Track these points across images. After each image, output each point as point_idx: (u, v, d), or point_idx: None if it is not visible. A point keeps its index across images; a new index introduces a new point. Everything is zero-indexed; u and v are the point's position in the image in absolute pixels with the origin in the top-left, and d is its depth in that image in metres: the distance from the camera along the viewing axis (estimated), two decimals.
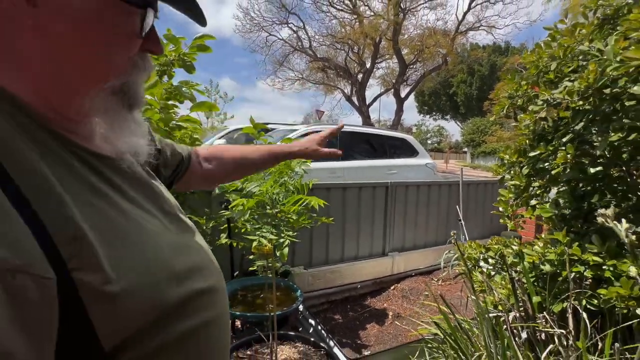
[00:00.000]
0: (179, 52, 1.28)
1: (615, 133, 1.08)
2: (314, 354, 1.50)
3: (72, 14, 0.35)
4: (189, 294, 0.40)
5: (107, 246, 0.33)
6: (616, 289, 1.15)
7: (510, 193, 1.60)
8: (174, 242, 0.43)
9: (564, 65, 1.28)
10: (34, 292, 0.27)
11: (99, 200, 0.36)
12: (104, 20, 0.37)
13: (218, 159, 0.81)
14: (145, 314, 0.35)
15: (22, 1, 0.33)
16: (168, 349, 0.37)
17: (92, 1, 0.36)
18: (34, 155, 0.31)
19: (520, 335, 1.20)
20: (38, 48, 0.34)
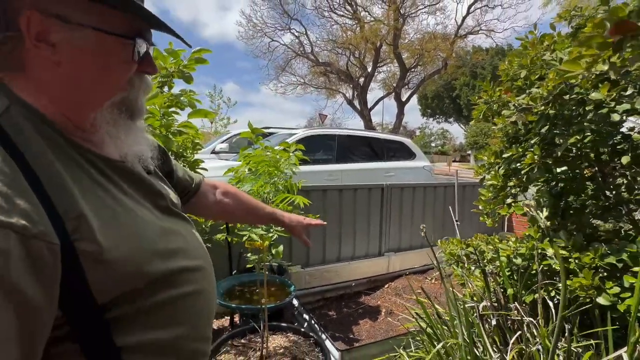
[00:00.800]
0: (179, 64, 1.41)
1: (573, 135, 1.19)
2: (304, 343, 1.60)
3: (79, 51, 0.47)
4: (173, 269, 0.51)
5: (103, 225, 0.44)
6: (579, 279, 1.25)
7: (488, 192, 1.70)
8: (160, 229, 0.53)
9: (532, 74, 1.39)
10: (46, 254, 0.38)
11: (100, 192, 0.47)
12: (104, 52, 0.48)
13: (235, 199, 0.98)
14: (132, 280, 0.45)
15: (45, 45, 0.45)
16: (156, 310, 0.48)
17: (93, 40, 0.47)
18: (51, 156, 0.44)
19: (491, 322, 1.30)
20: (57, 77, 0.47)
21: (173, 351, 0.51)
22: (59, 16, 0.45)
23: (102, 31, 0.47)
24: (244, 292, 2.01)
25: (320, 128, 5.33)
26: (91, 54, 0.47)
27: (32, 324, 0.37)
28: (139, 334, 0.47)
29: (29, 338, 0.37)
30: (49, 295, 0.39)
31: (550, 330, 1.22)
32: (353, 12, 15.75)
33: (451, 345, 1.29)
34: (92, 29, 0.46)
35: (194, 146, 2.14)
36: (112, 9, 0.47)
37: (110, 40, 0.48)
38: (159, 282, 0.49)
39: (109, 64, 0.49)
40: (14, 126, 0.42)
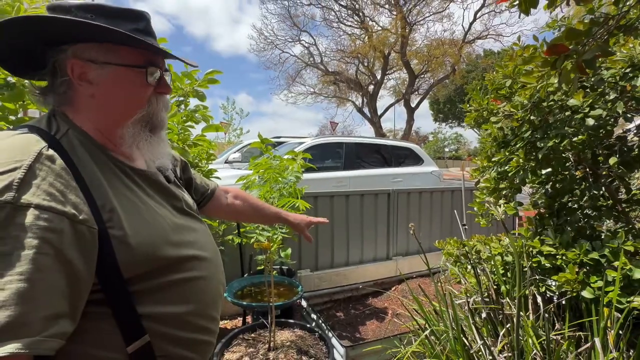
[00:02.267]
0: (193, 84, 1.59)
1: (552, 139, 1.28)
2: (309, 337, 1.71)
3: (106, 83, 0.62)
4: (182, 256, 0.65)
5: (128, 217, 0.58)
6: (565, 274, 1.33)
7: (482, 194, 1.79)
8: (175, 224, 0.67)
9: (514, 83, 1.49)
10: (87, 235, 0.52)
11: (128, 192, 0.62)
12: (123, 81, 0.63)
13: (244, 201, 1.15)
14: (149, 260, 0.59)
15: (84, 83, 0.61)
16: (168, 288, 0.62)
17: (115, 73, 0.62)
18: (94, 166, 0.60)
19: (481, 315, 1.38)
20: (94, 106, 0.63)
21: (182, 324, 0.63)
22: (91, 59, 0.60)
23: (119, 65, 0.62)
24: (254, 292, 2.15)
25: (328, 137, 5.48)
26: (113, 84, 0.62)
27: (76, 286, 0.50)
28: (155, 306, 0.59)
29: (73, 296, 0.50)
30: (89, 266, 0.52)
31: (536, 323, 1.30)
32: (361, 22, 16.03)
33: (446, 337, 1.38)
34: (113, 65, 0.61)
35: (208, 157, 2.32)
36: (124, 46, 0.62)
37: (127, 71, 0.63)
38: (170, 266, 0.62)
39: (128, 89, 0.64)
40: (70, 144, 0.59)
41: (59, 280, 0.48)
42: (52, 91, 0.63)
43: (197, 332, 0.66)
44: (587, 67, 0.70)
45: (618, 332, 1.13)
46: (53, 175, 0.51)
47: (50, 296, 0.47)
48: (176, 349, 0.62)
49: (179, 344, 0.62)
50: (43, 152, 0.52)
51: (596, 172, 1.60)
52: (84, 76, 0.61)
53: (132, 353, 0.56)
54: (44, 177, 0.50)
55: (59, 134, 0.59)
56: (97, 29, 0.57)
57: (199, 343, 0.66)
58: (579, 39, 0.70)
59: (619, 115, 1.37)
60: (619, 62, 1.24)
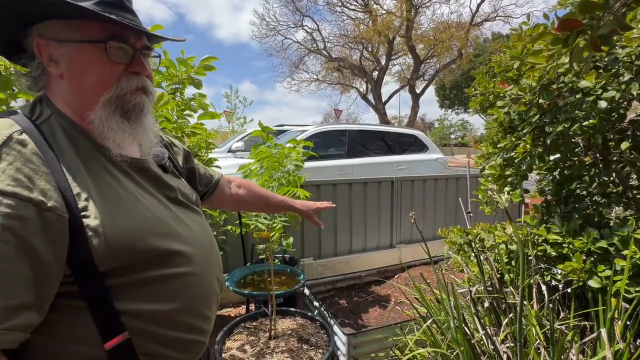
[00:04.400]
0: (189, 72, 1.54)
1: (561, 124, 1.22)
2: (310, 325, 1.72)
3: (70, 61, 0.58)
4: (166, 250, 0.60)
5: (107, 206, 0.55)
6: (571, 263, 1.29)
7: (487, 182, 1.75)
8: (163, 215, 0.63)
9: (523, 64, 1.42)
10: (56, 223, 0.49)
11: (111, 180, 0.58)
12: (85, 59, 0.58)
13: (248, 190, 1.13)
14: (129, 254, 0.55)
15: (53, 63, 0.58)
16: (149, 284, 0.58)
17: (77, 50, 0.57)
18: (73, 152, 0.56)
19: (484, 304, 1.36)
20: (64, 86, 0.59)
21: (167, 322, 0.59)
22: (53, 38, 0.57)
23: (79, 42, 0.57)
24: (257, 281, 2.15)
25: (331, 124, 5.41)
26: (75, 62, 0.58)
27: (43, 276, 0.48)
28: (135, 303, 0.56)
29: (40, 287, 0.48)
30: (57, 256, 0.50)
31: (541, 312, 1.28)
32: (364, 6, 15.59)
33: (447, 326, 1.37)
34: (73, 42, 0.57)
35: (207, 145, 2.29)
36: (88, 21, 0.58)
37: (87, 48, 0.58)
38: (154, 259, 0.58)
39: (90, 67, 0.58)
40: (50, 130, 0.56)
41: (22, 269, 0.46)
42: (31, 75, 0.60)
43: (185, 331, 0.62)
44: (602, 44, 0.64)
45: (625, 323, 1.10)
46: (22, 160, 0.49)
47: (11, 286, 0.45)
48: (160, 347, 0.59)
49: (163, 342, 0.59)
50: (14, 137, 0.50)
51: (606, 157, 1.54)
52: (52, 56, 0.58)
53: (111, 349, 0.53)
54: (10, 162, 0.48)
55: (40, 119, 0.56)
56: (53, 3, 0.53)
57: (186, 342, 0.63)
58: (593, 12, 0.64)
59: (634, 98, 1.30)
60: (635, 39, 1.17)
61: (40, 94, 0.61)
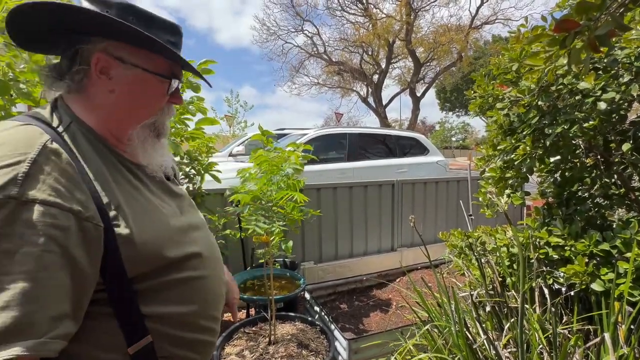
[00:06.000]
0: (187, 75, 1.55)
1: (560, 125, 1.21)
2: (310, 330, 1.70)
3: (128, 84, 0.61)
4: (185, 255, 0.63)
5: (134, 215, 0.56)
6: (573, 266, 1.27)
7: (487, 184, 1.73)
8: (178, 222, 0.66)
9: (521, 66, 1.41)
10: (93, 233, 0.50)
11: (133, 190, 0.60)
12: (146, 87, 0.63)
13: None
14: (153, 259, 0.57)
15: (103, 76, 0.60)
16: (171, 287, 0.60)
17: (140, 77, 0.62)
18: (98, 161, 0.57)
19: (485, 308, 1.34)
20: (109, 101, 0.61)
21: (185, 324, 0.61)
22: (119, 58, 0.60)
23: (148, 71, 0.62)
24: (257, 285, 2.14)
25: (331, 127, 5.41)
26: (136, 87, 0.62)
27: (81, 285, 0.49)
28: (158, 306, 0.58)
29: (78, 296, 0.49)
30: (94, 264, 0.51)
31: (543, 316, 1.26)
32: (364, 10, 15.68)
33: (448, 330, 1.35)
34: (141, 69, 0.62)
35: (208, 150, 2.29)
36: (158, 55, 0.63)
37: (152, 78, 0.63)
38: (174, 264, 0.61)
39: (149, 94, 0.64)
40: (73, 138, 0.56)
41: (63, 279, 0.46)
42: (67, 75, 0.60)
43: (200, 332, 0.64)
44: (600, 45, 0.64)
45: (629, 327, 1.08)
46: (58, 170, 0.49)
47: (55, 296, 0.45)
48: (178, 349, 0.60)
49: (181, 344, 0.61)
50: (47, 146, 0.50)
51: (608, 159, 1.53)
52: (106, 70, 0.60)
53: (133, 354, 0.54)
54: (49, 172, 0.48)
55: (61, 127, 0.56)
56: (140, 36, 0.58)
57: (201, 343, 0.65)
58: (590, 13, 0.64)
59: (634, 99, 1.29)
60: (634, 41, 1.16)
61: (54, 98, 0.61)
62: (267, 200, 1.50)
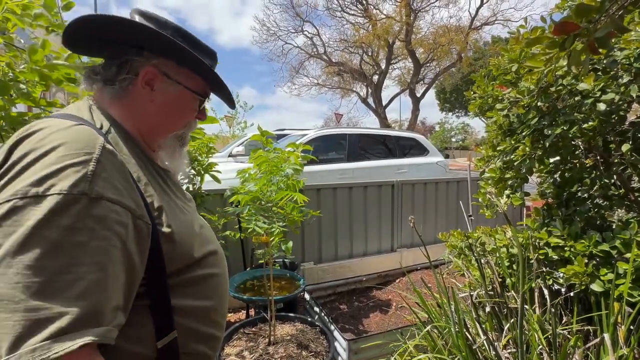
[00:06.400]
0: None
1: (560, 126, 1.22)
2: (310, 331, 1.70)
3: (168, 97, 0.67)
4: (206, 253, 0.67)
5: (170, 216, 0.60)
6: (573, 267, 1.27)
7: (487, 185, 1.74)
8: (197, 222, 0.71)
9: (521, 67, 1.42)
10: (144, 230, 0.53)
11: (163, 193, 0.64)
12: (182, 101, 0.69)
13: None
14: (186, 256, 0.61)
15: (147, 87, 0.65)
16: (194, 283, 0.64)
17: (179, 92, 0.68)
18: (137, 163, 0.60)
19: (485, 309, 1.34)
20: (147, 109, 0.66)
21: (204, 319, 0.65)
22: (165, 74, 0.66)
23: (187, 89, 0.68)
24: (256, 286, 2.13)
25: (331, 128, 5.41)
26: (175, 101, 0.68)
27: (132, 279, 0.51)
28: (184, 300, 0.61)
29: (129, 289, 0.51)
30: (143, 260, 0.53)
31: (543, 317, 1.26)
32: (364, 11, 15.69)
33: (448, 331, 1.35)
34: (183, 86, 0.68)
35: (208, 150, 2.29)
36: (197, 75, 0.69)
37: (189, 95, 0.70)
38: (197, 262, 0.65)
39: (183, 108, 0.70)
40: (115, 141, 0.59)
41: (121, 272, 0.49)
42: (114, 81, 0.64)
43: (215, 327, 0.68)
44: (599, 47, 0.64)
45: (629, 327, 1.08)
46: (116, 170, 0.52)
47: (115, 289, 0.48)
48: (197, 344, 0.63)
49: (200, 339, 0.64)
50: (105, 147, 0.52)
51: (607, 159, 1.53)
52: (151, 83, 0.65)
53: (160, 349, 0.56)
54: (111, 172, 0.50)
55: (103, 130, 0.59)
56: (192, 58, 0.65)
57: (215, 339, 0.68)
58: (590, 16, 0.64)
59: (633, 100, 1.30)
60: (633, 42, 1.16)
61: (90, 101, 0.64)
62: (267, 201, 1.50)
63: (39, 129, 0.50)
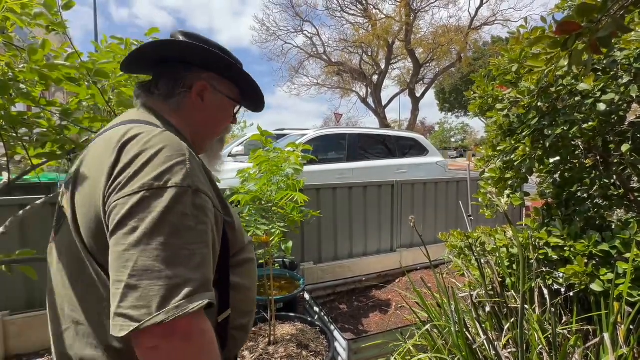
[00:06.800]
0: None
1: (560, 126, 1.22)
2: (310, 331, 1.70)
3: (215, 106, 0.77)
4: (247, 242, 0.76)
5: (229, 209, 0.69)
6: (573, 267, 1.28)
7: (487, 185, 1.74)
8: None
9: (521, 67, 1.42)
10: (219, 218, 0.62)
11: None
12: (224, 109, 0.79)
13: None
14: (239, 243, 0.70)
15: (199, 99, 0.74)
16: (242, 264, 0.72)
17: (223, 101, 0.77)
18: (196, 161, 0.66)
19: (485, 309, 1.34)
20: (198, 118, 0.75)
21: (247, 296, 0.73)
22: (213, 87, 0.76)
23: (228, 97, 0.78)
24: None
25: (331, 128, 5.41)
26: (219, 109, 0.78)
27: (214, 258, 0.59)
28: (236, 277, 0.69)
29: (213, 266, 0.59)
30: (219, 243, 0.62)
31: (543, 317, 1.26)
32: (364, 10, 15.69)
33: (448, 331, 1.35)
34: (226, 96, 0.78)
35: None
36: (235, 86, 0.80)
37: (229, 103, 0.80)
38: (244, 248, 0.73)
39: (225, 116, 0.80)
40: None
41: (208, 253, 0.56)
42: (173, 95, 0.73)
43: (252, 304, 0.76)
44: (601, 46, 0.64)
45: (629, 327, 1.08)
46: (198, 168, 0.60)
47: (210, 264, 0.56)
48: (241, 319, 0.71)
49: (243, 314, 0.71)
50: (189, 149, 0.60)
51: (607, 160, 1.53)
52: (202, 94, 0.74)
53: (219, 322, 0.65)
54: (197, 170, 0.59)
55: None
56: (238, 72, 0.76)
57: (251, 314, 0.75)
58: (591, 15, 0.64)
59: (633, 100, 1.30)
60: (633, 42, 1.17)
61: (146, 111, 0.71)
62: (267, 201, 1.50)
63: (138, 133, 0.59)
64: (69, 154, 1.28)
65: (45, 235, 2.31)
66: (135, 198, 0.52)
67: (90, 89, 1.28)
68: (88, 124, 1.24)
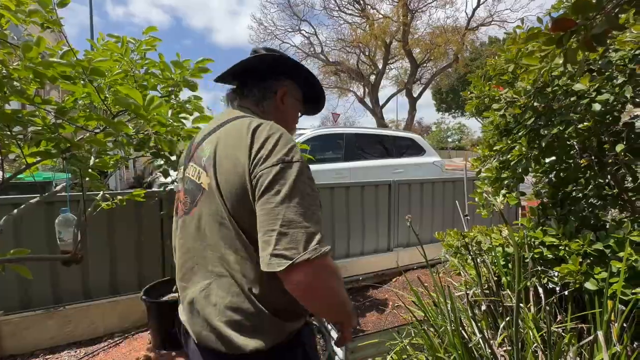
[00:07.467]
0: (184, 74, 1.54)
1: (556, 126, 1.22)
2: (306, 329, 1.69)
3: (291, 108, 0.94)
4: None
5: None
6: (567, 266, 1.28)
7: (484, 185, 1.75)
8: None
9: (518, 67, 1.43)
10: None
11: None
12: (296, 110, 0.97)
13: None
14: None
15: (280, 102, 0.91)
16: None
17: (296, 103, 0.95)
18: None
19: (481, 308, 1.35)
20: (280, 117, 0.90)
21: None
22: (291, 92, 0.93)
23: (297, 100, 0.96)
24: None
25: (328, 128, 5.41)
26: (293, 110, 0.96)
27: None
28: None
29: None
30: None
31: (538, 315, 1.27)
32: (361, 10, 15.72)
33: (444, 330, 1.36)
34: (295, 99, 0.95)
35: None
36: (300, 89, 0.96)
37: (298, 105, 0.97)
38: None
39: (295, 115, 0.98)
40: None
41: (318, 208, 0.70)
42: (264, 99, 0.90)
43: None
44: (596, 43, 0.64)
45: (622, 325, 1.09)
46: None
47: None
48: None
49: None
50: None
51: (602, 160, 1.54)
52: (283, 99, 0.91)
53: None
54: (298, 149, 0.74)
55: None
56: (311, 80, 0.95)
57: None
58: (586, 13, 0.64)
59: (627, 101, 1.31)
60: (628, 43, 1.18)
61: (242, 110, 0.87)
62: None
63: (260, 122, 0.75)
64: (64, 152, 1.27)
65: (39, 234, 2.27)
66: (276, 169, 0.67)
67: (85, 87, 1.27)
68: (83, 123, 1.23)
